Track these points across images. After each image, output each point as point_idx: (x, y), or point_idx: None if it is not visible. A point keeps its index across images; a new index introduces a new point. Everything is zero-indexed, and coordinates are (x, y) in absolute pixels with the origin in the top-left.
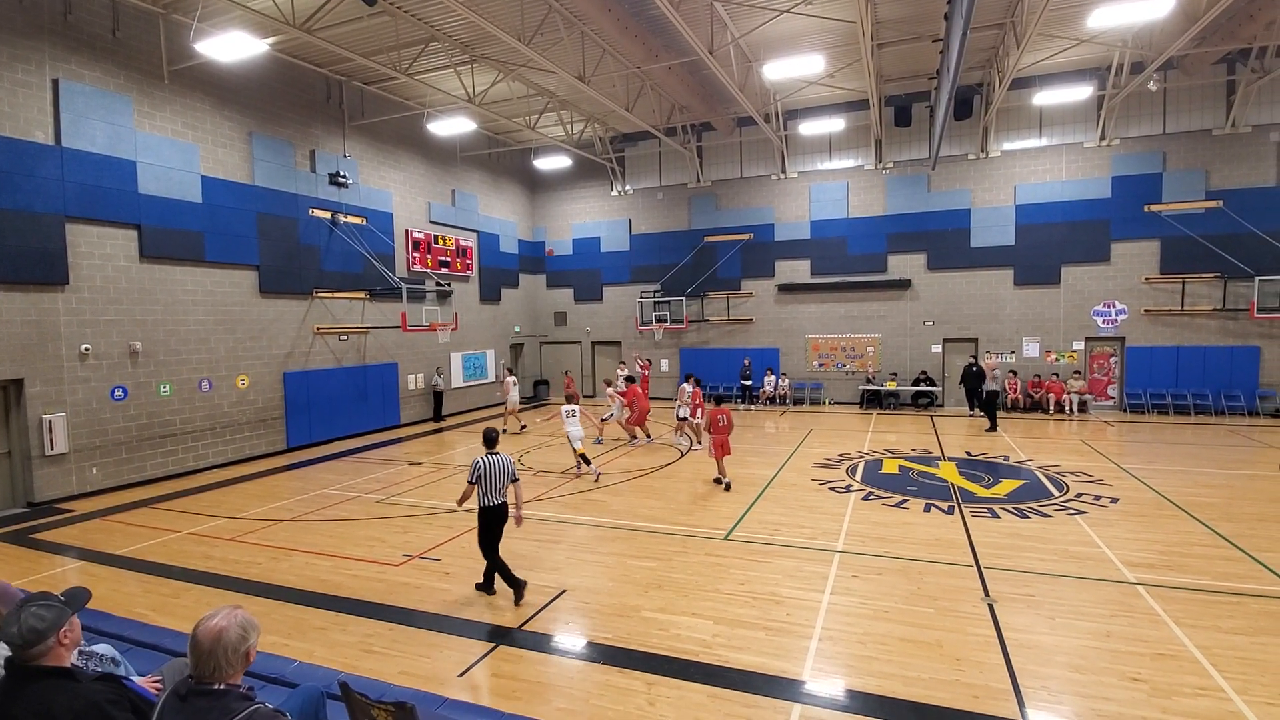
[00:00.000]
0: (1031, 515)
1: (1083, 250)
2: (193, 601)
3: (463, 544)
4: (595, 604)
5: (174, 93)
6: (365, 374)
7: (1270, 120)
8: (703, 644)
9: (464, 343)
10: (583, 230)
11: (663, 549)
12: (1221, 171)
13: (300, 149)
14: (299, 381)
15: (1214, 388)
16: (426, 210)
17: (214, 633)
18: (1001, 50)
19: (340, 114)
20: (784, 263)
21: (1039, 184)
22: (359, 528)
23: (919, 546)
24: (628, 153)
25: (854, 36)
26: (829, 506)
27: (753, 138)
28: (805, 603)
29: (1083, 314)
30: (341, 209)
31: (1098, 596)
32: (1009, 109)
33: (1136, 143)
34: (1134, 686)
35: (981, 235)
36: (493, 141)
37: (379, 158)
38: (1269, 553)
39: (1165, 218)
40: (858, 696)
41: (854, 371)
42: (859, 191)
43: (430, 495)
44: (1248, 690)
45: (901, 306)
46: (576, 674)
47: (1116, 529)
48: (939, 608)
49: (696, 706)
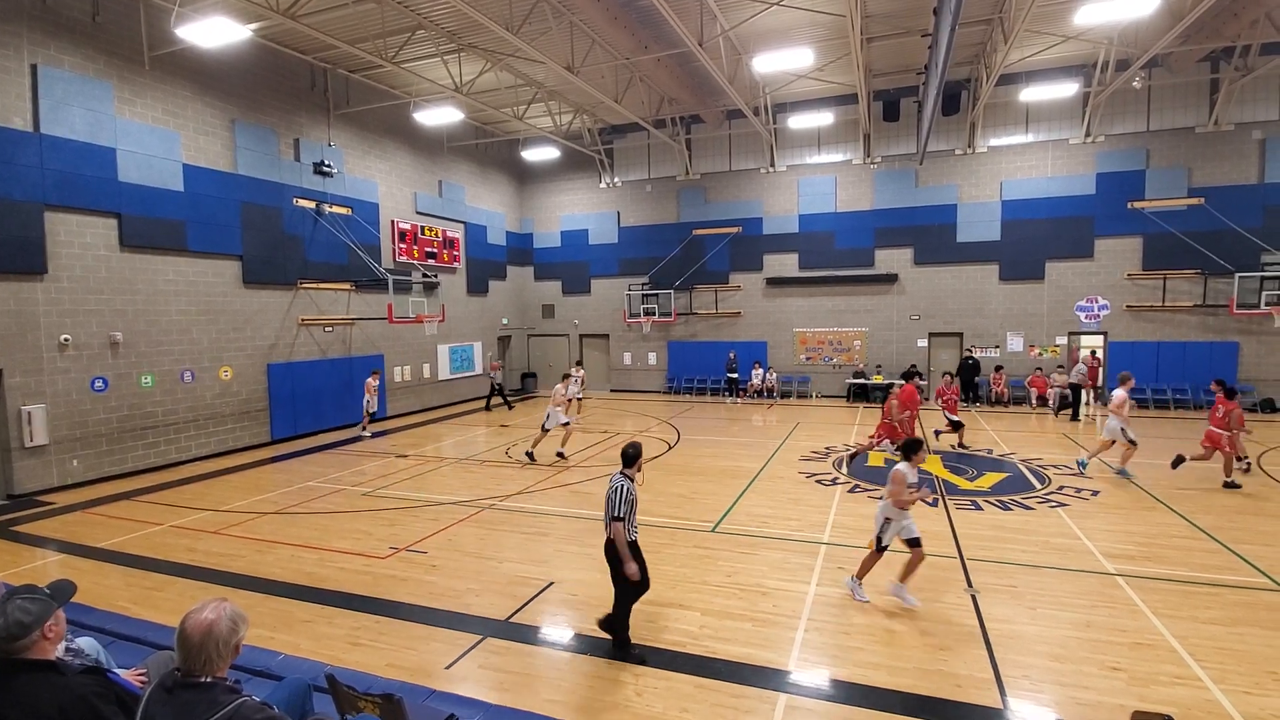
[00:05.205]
0: (1014, 508)
1: (1067, 246)
2: (176, 595)
3: (449, 537)
4: (583, 596)
5: (155, 79)
6: (351, 366)
7: (1252, 118)
8: (690, 635)
9: (451, 335)
10: (571, 222)
11: (650, 541)
12: (1203, 169)
13: (284, 137)
14: (283, 373)
15: (1193, 382)
16: (413, 201)
17: (204, 626)
18: (989, 46)
19: (325, 102)
20: (772, 256)
21: (1024, 180)
22: (345, 520)
23: None
24: (616, 145)
25: (843, 30)
26: (815, 499)
27: (741, 131)
28: (791, 594)
29: (1066, 309)
30: (326, 199)
31: (1078, 587)
32: (996, 105)
33: (1121, 140)
34: (1113, 675)
35: (968, 230)
36: (480, 132)
37: (365, 147)
38: (1246, 544)
39: (1148, 214)
40: (842, 686)
41: (841, 365)
42: (847, 186)
43: (417, 488)
44: (1224, 679)
45: (888, 301)
46: (564, 665)
47: (1097, 521)
48: (923, 598)
49: (684, 697)
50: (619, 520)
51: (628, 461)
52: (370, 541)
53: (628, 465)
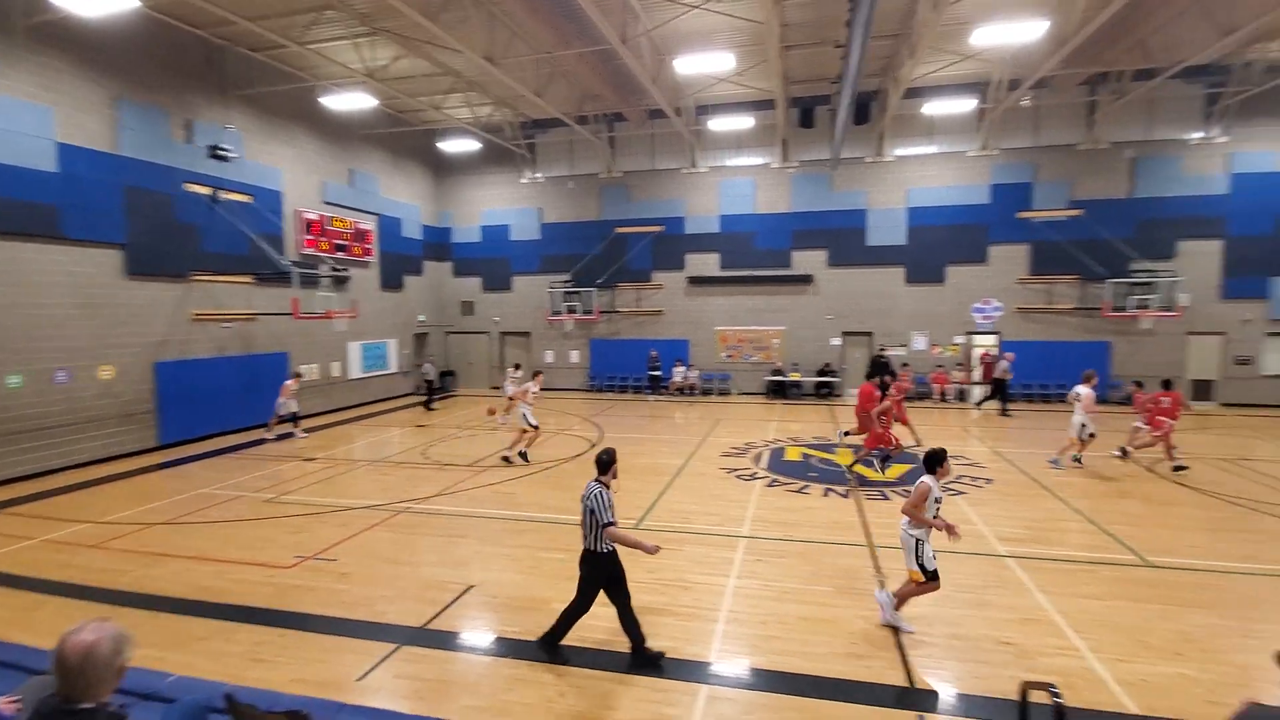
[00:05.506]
0: None
1: (965, 252)
2: (53, 614)
3: (361, 542)
4: (503, 598)
5: (28, 50)
6: (253, 364)
7: (1125, 138)
8: (613, 632)
9: (364, 331)
10: (492, 217)
11: (573, 540)
12: (1083, 183)
13: (176, 118)
14: (174, 372)
15: (1073, 379)
16: (321, 189)
17: (83, 648)
18: (897, 60)
19: (223, 82)
20: (694, 255)
21: (928, 188)
22: (245, 529)
23: (818, 529)
24: (538, 139)
25: (763, 37)
26: (735, 494)
27: (664, 130)
28: (712, 587)
29: (964, 310)
30: (224, 185)
31: (974, 569)
32: (903, 116)
33: (1012, 154)
34: (1005, 649)
35: (877, 235)
36: (395, 120)
37: (267, 131)
38: (1118, 525)
39: (1035, 224)
40: (761, 674)
41: (760, 363)
42: (766, 188)
43: (326, 492)
44: (1101, 649)
45: (804, 301)
46: (484, 670)
47: (991, 507)
48: (836, 586)
49: (606, 694)
50: (612, 525)
51: (602, 468)
52: (273, 550)
53: (602, 472)
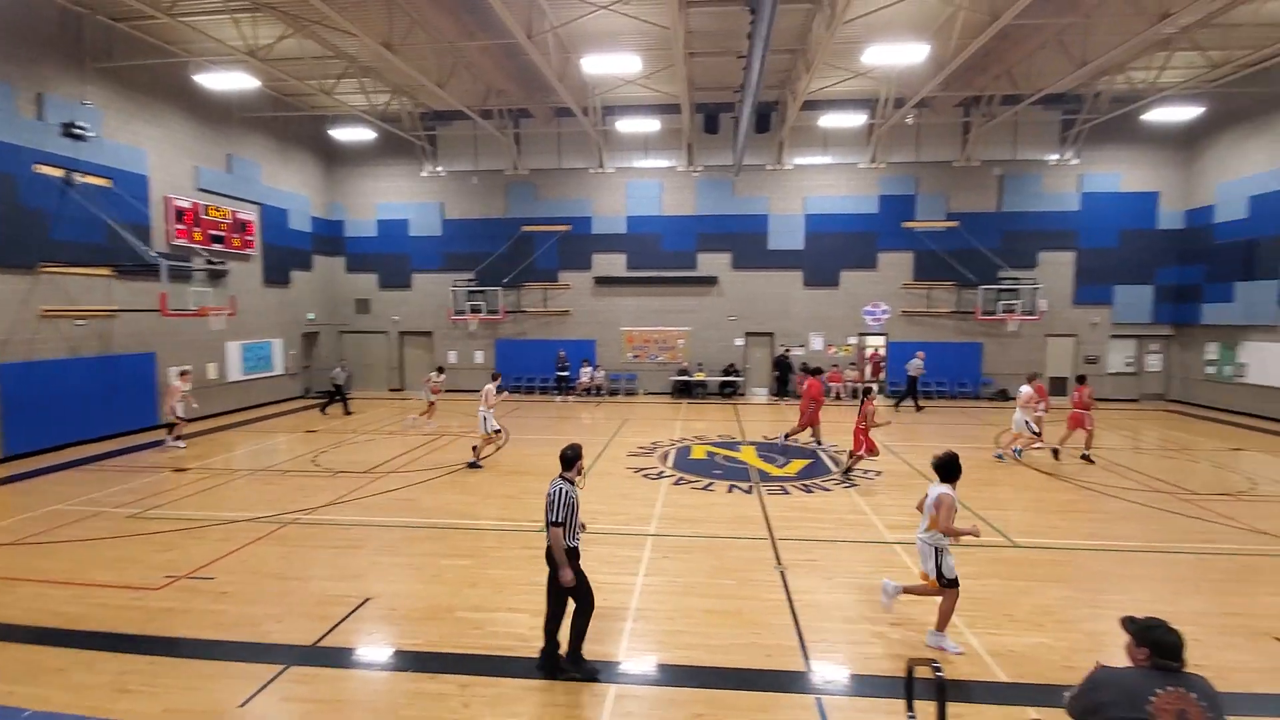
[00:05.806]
0: (815, 490)
1: (856, 257)
2: None
3: (243, 558)
4: (403, 609)
5: None
6: (114, 366)
7: (994, 157)
8: (520, 638)
9: (244, 330)
10: (389, 211)
11: (477, 545)
12: (958, 197)
13: (23, 91)
14: (19, 375)
15: (951, 377)
16: (194, 175)
17: None
18: (795, 74)
19: (80, 53)
20: (601, 256)
21: (824, 197)
22: (106, 548)
23: (722, 524)
24: (440, 131)
25: (669, 42)
26: (642, 493)
27: (571, 129)
28: (620, 586)
29: (856, 313)
30: (80, 166)
31: (865, 557)
32: (800, 127)
33: (898, 167)
34: (893, 631)
35: (777, 239)
36: (280, 104)
37: (132, 109)
38: (990, 510)
39: (918, 233)
40: (668, 669)
41: (666, 363)
42: (672, 191)
43: (201, 505)
44: (974, 623)
45: (709, 302)
46: (382, 686)
47: (880, 498)
48: (739, 579)
49: (513, 702)
50: (558, 525)
51: (566, 464)
52: (140, 570)
53: (567, 468)
